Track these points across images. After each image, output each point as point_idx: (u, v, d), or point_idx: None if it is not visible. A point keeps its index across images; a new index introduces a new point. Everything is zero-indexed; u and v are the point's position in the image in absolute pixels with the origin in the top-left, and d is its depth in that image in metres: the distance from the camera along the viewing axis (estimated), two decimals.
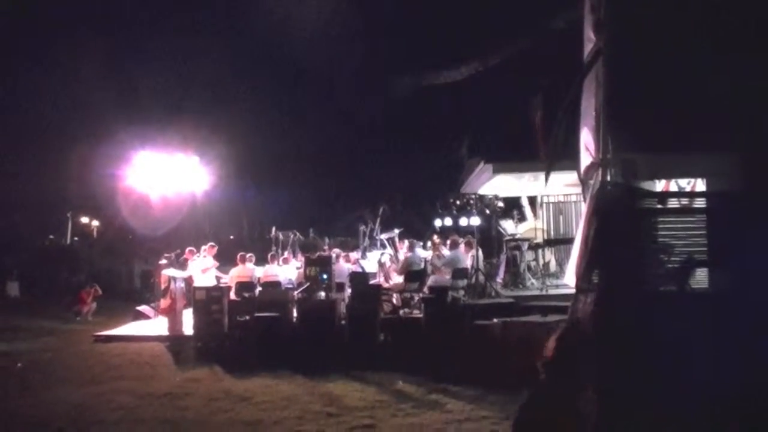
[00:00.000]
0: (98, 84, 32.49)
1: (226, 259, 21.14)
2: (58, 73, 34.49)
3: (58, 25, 35.50)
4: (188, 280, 18.68)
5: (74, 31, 33.78)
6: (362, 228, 23.24)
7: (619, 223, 8.32)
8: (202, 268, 19.71)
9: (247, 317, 15.97)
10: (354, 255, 20.79)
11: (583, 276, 8.60)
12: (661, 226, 8.58)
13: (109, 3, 36.51)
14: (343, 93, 35.43)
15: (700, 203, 9.49)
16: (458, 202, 20.44)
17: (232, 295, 17.30)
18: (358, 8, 30.38)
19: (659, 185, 12.37)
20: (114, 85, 34.19)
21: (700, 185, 12.04)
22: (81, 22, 35.19)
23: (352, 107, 36.01)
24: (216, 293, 16.69)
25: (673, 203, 9.09)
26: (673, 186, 12.93)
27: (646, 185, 10.04)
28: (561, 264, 21.04)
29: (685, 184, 13.00)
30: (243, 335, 15.78)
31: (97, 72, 32.68)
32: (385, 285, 18.43)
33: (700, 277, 8.71)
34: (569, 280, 11.44)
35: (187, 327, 17.23)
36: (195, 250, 20.31)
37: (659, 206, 8.71)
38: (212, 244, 21.03)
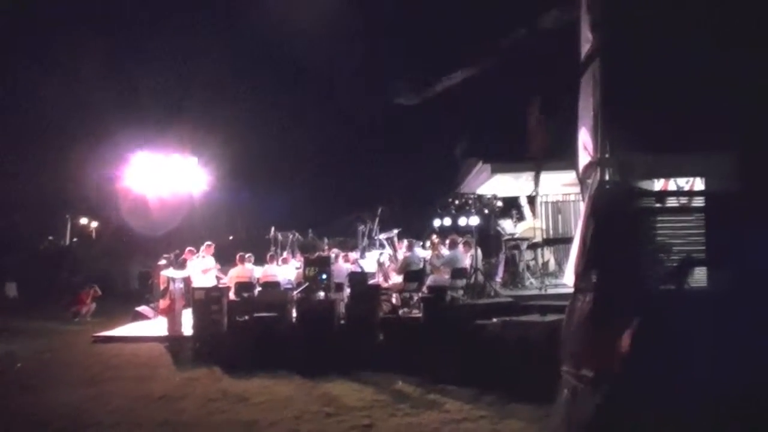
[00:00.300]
0: (96, 85, 32.50)
1: (225, 260, 21.12)
2: (56, 74, 34.50)
3: (56, 25, 35.51)
4: (187, 281, 18.66)
5: (72, 32, 33.79)
6: (361, 228, 23.23)
7: (617, 222, 8.33)
8: (203, 269, 19.71)
9: (246, 317, 15.95)
10: (353, 255, 20.78)
11: (581, 275, 8.61)
12: (659, 225, 8.59)
13: (108, 3, 36.52)
14: (341, 94, 35.47)
15: (698, 202, 9.49)
16: (457, 202, 20.43)
17: (231, 296, 17.31)
18: (357, 9, 30.39)
19: (658, 184, 12.38)
20: (112, 86, 34.23)
21: (699, 184, 12.04)
22: (79, 22, 35.21)
23: (351, 108, 36.03)
24: (215, 293, 16.66)
25: (671, 202, 9.10)
26: (671, 185, 12.94)
27: (645, 184, 10.05)
28: (560, 263, 21.03)
29: (684, 183, 13.00)
30: (242, 335, 15.72)
31: (94, 73, 32.69)
32: (384, 285, 18.42)
33: (699, 276, 8.72)
34: (568, 279, 11.46)
35: (186, 327, 17.19)
36: (194, 251, 20.30)
37: (658, 205, 8.72)
38: (209, 243, 20.99)
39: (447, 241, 18.99)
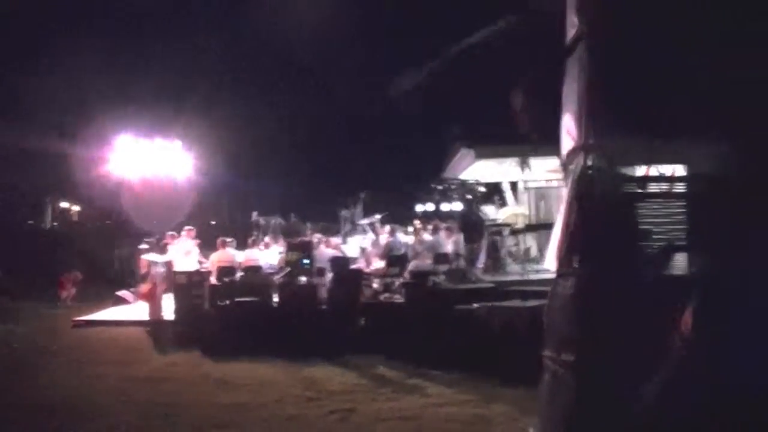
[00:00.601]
0: (78, 68, 32.28)
1: (207, 244, 21.08)
2: (35, 57, 34.29)
3: (39, 8, 35.25)
4: (169, 265, 18.60)
5: (54, 13, 33.57)
6: (344, 213, 23.26)
7: (600, 207, 8.32)
8: (185, 251, 19.67)
9: (228, 302, 15.93)
10: (335, 240, 20.80)
11: (564, 260, 8.60)
12: (641, 210, 8.59)
13: None
14: (327, 81, 35.46)
15: (680, 188, 9.49)
16: (440, 188, 20.47)
17: (213, 280, 17.28)
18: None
19: (640, 170, 12.39)
20: (95, 70, 34.00)
21: (680, 170, 12.06)
22: (62, 4, 35.00)
23: (337, 94, 36.07)
24: (197, 278, 16.64)
25: (653, 188, 9.10)
26: (653, 171, 12.95)
27: (627, 170, 10.04)
28: (542, 249, 21.06)
29: (666, 169, 13.02)
30: (224, 320, 15.69)
31: (76, 56, 32.47)
32: (367, 270, 18.44)
33: (680, 262, 8.73)
34: (549, 264, 11.47)
35: (168, 312, 17.13)
36: (176, 235, 20.25)
37: (640, 191, 8.72)
38: (190, 227, 20.92)
39: (429, 227, 19.03)
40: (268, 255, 19.57)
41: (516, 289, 14.89)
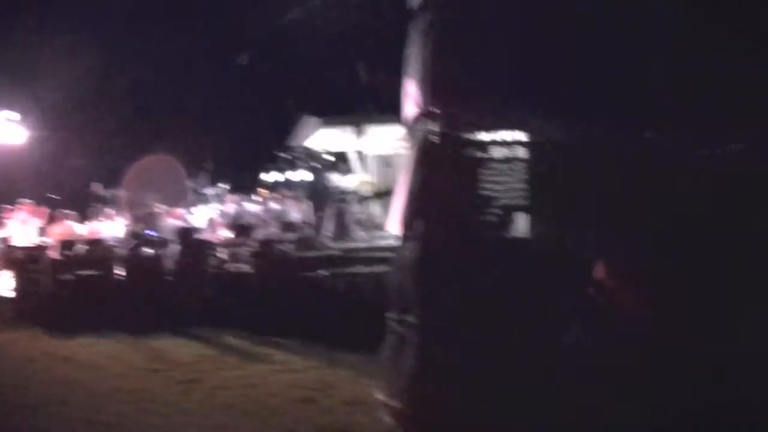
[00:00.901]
0: None
1: (47, 218, 20.45)
2: None
3: None
4: (6, 240, 17.99)
5: None
6: (189, 183, 23.00)
7: (443, 172, 8.43)
8: (22, 222, 19.03)
9: (70, 276, 15.53)
10: (181, 210, 20.54)
11: (408, 225, 8.70)
12: (484, 175, 8.76)
13: None
14: (172, 47, 34.81)
15: (521, 154, 9.70)
16: (286, 156, 20.45)
17: (54, 254, 16.79)
18: None
19: (483, 136, 12.63)
20: None
21: (521, 136, 12.34)
22: None
23: (182, 61, 35.43)
24: (36, 252, 16.21)
25: (496, 153, 9.28)
26: (495, 137, 13.23)
27: (470, 136, 10.20)
28: (388, 216, 21.30)
29: (507, 136, 13.31)
30: (65, 295, 15.32)
31: None
32: (213, 239, 18.28)
33: (522, 225, 8.95)
34: (391, 228, 11.61)
35: (6, 289, 16.59)
36: (12, 209, 19.55)
37: (482, 155, 8.87)
38: (30, 201, 20.23)
39: (277, 195, 19.02)
40: (112, 227, 19.14)
41: (362, 256, 15.04)
